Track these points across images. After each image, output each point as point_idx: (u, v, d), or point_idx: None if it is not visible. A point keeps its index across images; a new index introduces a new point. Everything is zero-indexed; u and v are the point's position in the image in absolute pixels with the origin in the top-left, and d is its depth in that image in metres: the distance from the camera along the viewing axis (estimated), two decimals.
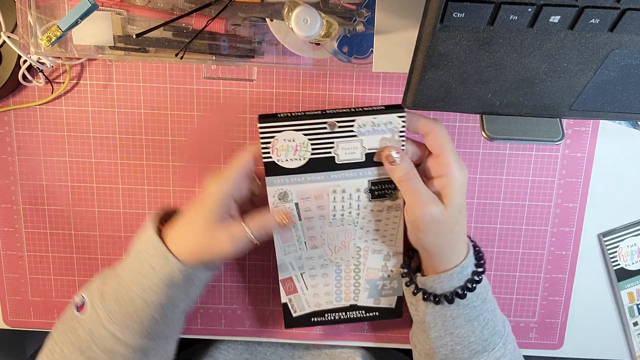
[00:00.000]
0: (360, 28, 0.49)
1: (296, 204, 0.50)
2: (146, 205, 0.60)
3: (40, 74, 0.56)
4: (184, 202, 0.60)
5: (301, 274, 0.54)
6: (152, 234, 0.48)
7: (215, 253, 0.47)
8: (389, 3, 0.45)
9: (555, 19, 0.37)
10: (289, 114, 0.46)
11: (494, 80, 0.42)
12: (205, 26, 0.47)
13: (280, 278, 0.54)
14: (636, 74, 0.41)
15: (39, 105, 0.58)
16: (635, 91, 0.43)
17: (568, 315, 0.63)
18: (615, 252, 0.61)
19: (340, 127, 0.46)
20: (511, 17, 0.36)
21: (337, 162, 0.48)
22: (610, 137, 0.59)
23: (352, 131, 0.46)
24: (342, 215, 0.50)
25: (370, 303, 0.56)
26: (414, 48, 0.40)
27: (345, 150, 0.47)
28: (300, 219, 0.51)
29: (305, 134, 0.46)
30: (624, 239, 0.61)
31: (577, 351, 0.64)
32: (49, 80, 0.57)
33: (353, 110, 0.46)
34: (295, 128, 0.46)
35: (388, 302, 0.57)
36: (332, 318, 0.57)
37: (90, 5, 0.43)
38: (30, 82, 0.56)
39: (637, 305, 0.62)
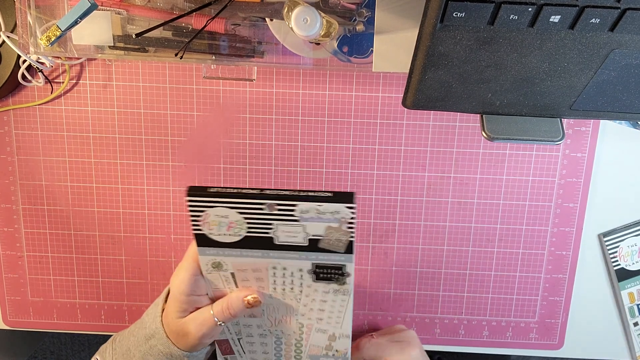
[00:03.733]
0: (360, 28, 0.48)
1: (232, 274, 0.46)
2: (146, 205, 0.60)
3: (39, 73, 0.56)
4: (183, 202, 0.60)
5: (238, 339, 0.51)
6: (160, 326, 0.49)
7: (189, 341, 0.47)
8: (389, 3, 0.45)
9: (555, 18, 0.36)
10: (222, 190, 0.41)
11: (494, 80, 0.42)
12: (205, 26, 0.47)
13: (215, 338, 0.50)
14: (636, 73, 0.41)
15: (38, 105, 0.58)
16: (636, 91, 0.42)
17: (568, 316, 0.63)
18: (616, 252, 0.61)
19: (279, 210, 0.41)
20: (511, 16, 0.36)
21: (276, 242, 0.43)
22: (611, 137, 0.58)
23: (293, 215, 0.41)
24: (284, 290, 0.46)
25: None
26: (414, 48, 0.40)
27: (285, 233, 0.42)
28: (237, 286, 0.47)
29: (240, 212, 0.42)
30: (625, 239, 0.61)
31: (577, 351, 0.64)
32: (48, 80, 0.57)
33: (296, 194, 0.41)
34: (229, 206, 0.42)
35: None
36: None
37: (90, 4, 0.43)
38: (29, 82, 0.56)
39: (638, 305, 0.62)
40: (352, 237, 0.42)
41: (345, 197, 0.40)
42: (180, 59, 0.48)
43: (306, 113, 0.58)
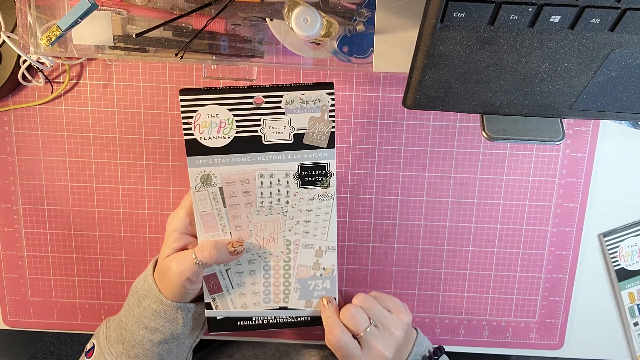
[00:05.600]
0: (360, 28, 0.48)
1: (220, 189, 0.47)
2: (146, 205, 0.60)
3: (39, 73, 0.56)
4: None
5: (226, 270, 0.51)
6: (152, 282, 0.50)
7: (172, 282, 0.48)
8: (389, 3, 0.45)
9: (555, 18, 0.36)
10: (213, 88, 0.45)
11: (494, 80, 0.42)
12: (205, 26, 0.47)
13: (203, 274, 0.51)
14: (637, 73, 0.41)
15: (38, 105, 0.58)
16: (636, 91, 0.42)
17: (568, 316, 0.63)
18: (616, 252, 0.61)
19: (267, 103, 0.45)
20: (512, 16, 0.36)
21: (264, 142, 0.46)
22: (611, 137, 0.59)
23: (279, 108, 0.45)
24: (271, 202, 0.48)
25: (301, 305, 0.53)
26: (414, 48, 0.40)
27: (272, 130, 0.45)
28: (225, 206, 0.48)
29: (230, 109, 0.45)
30: (625, 239, 0.61)
31: (577, 351, 0.64)
32: (48, 80, 0.57)
33: (281, 85, 0.45)
34: (220, 102, 0.44)
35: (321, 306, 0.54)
36: (261, 322, 0.53)
37: (90, 4, 0.43)
38: (29, 82, 0.56)
39: (638, 305, 0.62)
40: (333, 127, 0.46)
41: (325, 85, 0.46)
42: (181, 59, 0.48)
43: None
